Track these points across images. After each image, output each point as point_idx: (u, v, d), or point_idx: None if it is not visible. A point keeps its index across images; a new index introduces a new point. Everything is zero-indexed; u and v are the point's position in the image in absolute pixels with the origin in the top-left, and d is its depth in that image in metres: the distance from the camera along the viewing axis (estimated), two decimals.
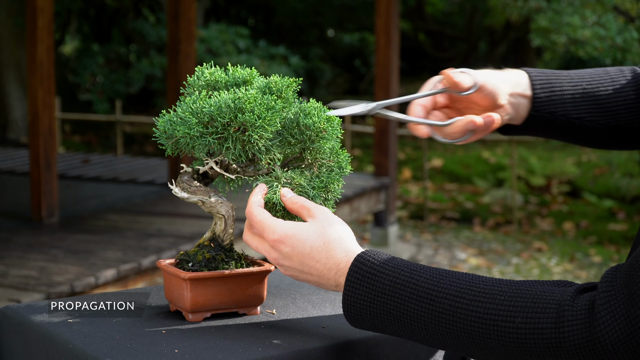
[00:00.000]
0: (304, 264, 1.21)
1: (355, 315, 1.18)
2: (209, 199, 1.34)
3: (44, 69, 6.31)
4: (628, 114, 1.42)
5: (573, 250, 8.10)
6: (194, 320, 1.33)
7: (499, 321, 1.07)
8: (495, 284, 1.10)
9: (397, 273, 1.15)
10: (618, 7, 8.48)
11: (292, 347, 1.22)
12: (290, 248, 1.21)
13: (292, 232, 1.22)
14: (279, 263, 1.24)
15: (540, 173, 10.67)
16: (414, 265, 1.16)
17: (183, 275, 1.31)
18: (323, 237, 1.21)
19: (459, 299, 1.10)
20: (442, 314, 1.11)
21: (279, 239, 1.22)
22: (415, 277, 1.14)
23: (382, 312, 1.15)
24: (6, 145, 12.06)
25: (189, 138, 1.26)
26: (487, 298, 1.09)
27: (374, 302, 1.15)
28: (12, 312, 1.40)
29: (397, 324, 1.15)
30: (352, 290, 1.17)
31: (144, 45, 14.15)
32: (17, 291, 4.62)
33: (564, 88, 1.40)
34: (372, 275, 1.16)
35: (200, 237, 6.00)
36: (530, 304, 1.06)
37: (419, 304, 1.12)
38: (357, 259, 1.18)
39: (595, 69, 1.46)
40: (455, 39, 17.99)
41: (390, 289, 1.14)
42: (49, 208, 6.43)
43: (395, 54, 8.38)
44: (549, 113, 1.39)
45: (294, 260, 1.22)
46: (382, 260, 1.17)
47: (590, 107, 1.41)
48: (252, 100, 1.26)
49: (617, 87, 1.43)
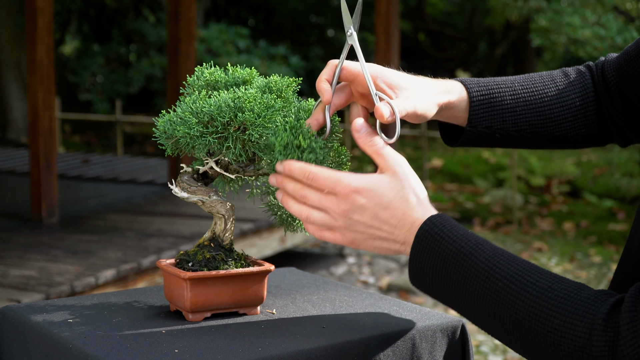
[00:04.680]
0: (378, 217, 1.18)
1: (417, 275, 1.18)
2: (209, 198, 1.34)
3: (44, 69, 6.31)
4: (574, 122, 1.41)
5: (573, 250, 8.10)
6: (194, 320, 1.33)
7: (541, 317, 1.07)
8: (548, 278, 1.11)
9: (463, 242, 1.15)
10: (618, 7, 8.48)
11: (292, 347, 1.22)
12: (367, 199, 1.18)
13: (370, 185, 1.19)
14: (347, 216, 1.19)
15: (540, 173, 10.67)
16: (481, 239, 1.16)
17: (183, 275, 1.31)
18: (402, 192, 1.19)
19: (511, 285, 1.11)
20: (492, 294, 1.11)
21: (357, 189, 1.18)
22: (478, 251, 1.14)
23: (441, 277, 1.15)
24: (6, 145, 12.07)
25: (189, 138, 1.26)
26: (536, 291, 1.09)
27: (437, 265, 1.15)
28: (12, 312, 1.40)
29: (451, 293, 1.15)
30: (419, 250, 1.16)
31: (144, 45, 14.15)
32: (17, 291, 4.62)
33: (504, 101, 1.38)
34: (441, 239, 1.15)
35: (200, 237, 5.98)
36: (571, 309, 1.06)
37: (474, 278, 1.13)
38: (430, 220, 1.17)
39: (541, 75, 1.43)
40: (455, 39, 17.99)
41: (453, 256, 1.14)
42: (49, 208, 6.43)
43: (395, 54, 8.37)
44: (487, 128, 1.37)
45: (366, 212, 1.18)
46: (452, 227, 1.16)
47: (532, 119, 1.39)
48: (252, 100, 1.26)
49: (562, 95, 1.40)
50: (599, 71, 1.43)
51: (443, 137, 1.45)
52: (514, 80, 1.41)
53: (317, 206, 1.21)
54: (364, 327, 1.32)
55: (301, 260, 7.48)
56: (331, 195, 1.19)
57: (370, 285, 6.80)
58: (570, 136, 1.41)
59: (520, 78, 1.42)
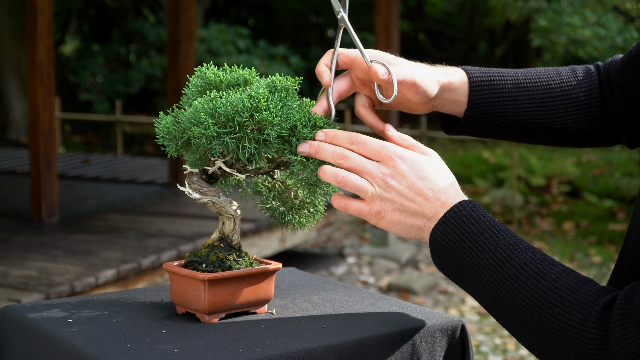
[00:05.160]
0: (414, 186, 1.20)
1: (437, 251, 1.20)
2: (218, 199, 1.35)
3: (44, 69, 6.31)
4: (576, 116, 1.41)
5: (573, 250, 8.10)
6: (210, 322, 1.33)
7: (544, 305, 1.09)
8: (559, 270, 1.12)
9: (487, 227, 1.17)
10: (618, 7, 8.48)
11: (292, 347, 1.22)
12: (408, 167, 1.21)
13: (413, 156, 1.22)
14: (385, 180, 1.21)
15: (540, 173, 10.67)
16: (505, 228, 1.18)
17: (202, 277, 1.31)
18: (440, 170, 1.22)
19: (523, 272, 1.12)
20: (504, 279, 1.13)
21: (401, 156, 1.21)
22: (500, 237, 1.16)
23: (459, 257, 1.17)
24: (6, 145, 12.06)
25: (204, 138, 1.26)
26: (544, 279, 1.11)
27: (456, 245, 1.17)
28: (12, 312, 1.40)
29: (465, 274, 1.17)
30: (444, 227, 1.19)
31: (144, 45, 14.15)
32: (17, 291, 4.62)
33: (505, 87, 1.38)
34: (467, 220, 1.18)
35: (200, 237, 5.97)
36: (573, 299, 1.07)
37: (490, 262, 1.15)
38: (463, 202, 1.20)
39: (547, 69, 1.44)
40: (455, 39, 17.99)
41: (475, 238, 1.16)
42: (49, 208, 6.43)
43: (395, 54, 8.34)
44: (486, 114, 1.38)
45: (405, 180, 1.21)
46: (481, 212, 1.19)
47: (534, 108, 1.39)
48: (267, 99, 1.26)
49: (566, 88, 1.41)
50: (605, 72, 1.44)
51: (443, 127, 1.45)
52: (517, 71, 1.42)
53: (357, 168, 1.22)
54: (364, 327, 1.32)
55: (301, 260, 7.48)
56: (374, 160, 1.22)
57: (370, 285, 6.80)
58: (573, 130, 1.41)
59: (524, 69, 1.43)
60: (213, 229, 5.97)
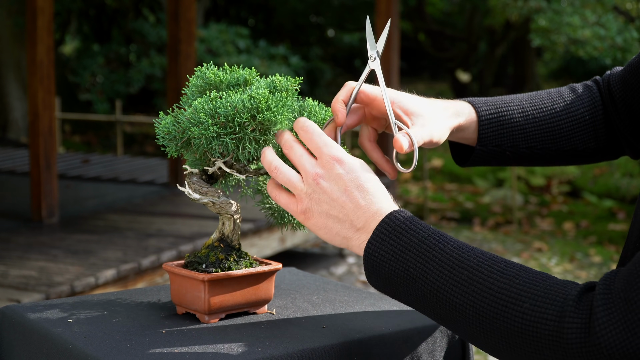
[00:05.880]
0: (348, 192, 1.16)
1: (374, 267, 1.15)
2: (218, 199, 1.35)
3: (44, 69, 6.31)
4: (583, 136, 1.42)
5: (573, 250, 8.10)
6: (210, 322, 1.33)
7: (509, 302, 1.06)
8: (514, 267, 1.10)
9: (427, 234, 1.13)
10: (618, 7, 8.48)
11: (292, 347, 1.22)
12: (344, 171, 1.17)
13: (353, 161, 1.18)
14: (316, 181, 1.17)
15: (540, 173, 10.67)
16: (445, 234, 1.15)
17: (202, 277, 1.31)
18: (378, 182, 1.19)
19: (477, 273, 1.09)
20: (457, 283, 1.09)
21: (339, 159, 1.17)
22: (442, 242, 1.13)
23: (400, 268, 1.13)
24: (6, 145, 12.07)
25: (204, 139, 1.25)
26: (503, 277, 1.08)
27: (396, 257, 1.13)
28: (12, 312, 1.40)
29: (410, 285, 1.13)
30: (379, 240, 1.14)
31: (144, 45, 14.16)
32: (17, 291, 4.62)
33: (513, 119, 1.40)
34: (404, 230, 1.14)
35: (200, 237, 5.96)
36: (541, 293, 1.05)
37: (438, 268, 1.11)
38: (397, 211, 1.16)
39: (549, 91, 1.45)
40: (455, 39, 17.99)
41: (416, 247, 1.12)
42: (49, 208, 6.43)
43: (395, 54, 8.38)
44: (497, 146, 1.39)
45: (339, 183, 1.17)
46: (417, 221, 1.16)
47: (542, 135, 1.41)
48: (268, 99, 1.25)
49: (570, 110, 1.42)
50: (605, 84, 1.45)
51: (454, 158, 1.46)
52: (521, 98, 1.43)
53: (295, 160, 1.20)
54: (364, 327, 1.32)
55: (301, 260, 7.48)
56: (313, 156, 1.19)
57: (370, 285, 6.80)
58: (581, 150, 1.43)
59: (527, 96, 1.44)
60: (213, 229, 5.97)
